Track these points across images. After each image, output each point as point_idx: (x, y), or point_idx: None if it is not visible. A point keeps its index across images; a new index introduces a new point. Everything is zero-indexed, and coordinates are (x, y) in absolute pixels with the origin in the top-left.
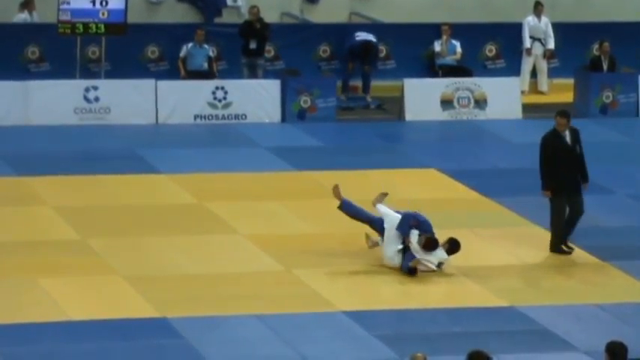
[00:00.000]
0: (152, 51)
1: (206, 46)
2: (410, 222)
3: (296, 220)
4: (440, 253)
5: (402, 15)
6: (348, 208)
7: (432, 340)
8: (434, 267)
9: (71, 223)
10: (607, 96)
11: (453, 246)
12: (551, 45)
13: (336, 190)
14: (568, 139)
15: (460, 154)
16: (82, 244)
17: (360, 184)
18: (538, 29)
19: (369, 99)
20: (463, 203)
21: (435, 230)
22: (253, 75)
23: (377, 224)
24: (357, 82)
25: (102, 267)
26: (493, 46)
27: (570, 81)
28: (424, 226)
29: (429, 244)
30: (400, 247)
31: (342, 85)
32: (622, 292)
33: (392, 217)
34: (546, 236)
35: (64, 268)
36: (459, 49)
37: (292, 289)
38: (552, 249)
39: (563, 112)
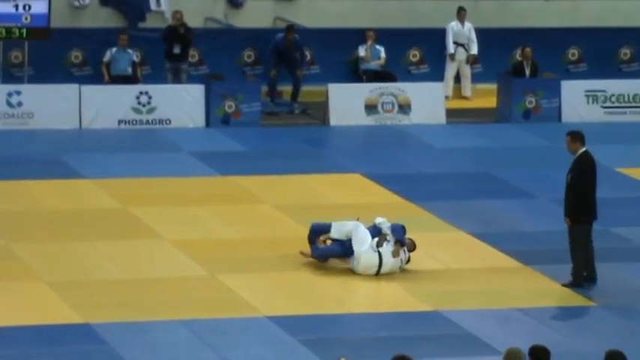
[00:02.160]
0: (76, 56)
1: (130, 50)
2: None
3: (220, 225)
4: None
5: (327, 20)
6: (319, 254)
7: (356, 344)
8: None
9: None
10: (530, 101)
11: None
12: (474, 50)
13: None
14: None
15: (384, 159)
16: (5, 249)
17: (285, 189)
18: (461, 35)
19: (296, 105)
20: (387, 208)
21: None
22: (177, 80)
23: (349, 250)
24: (283, 87)
25: (25, 273)
26: (417, 51)
27: (493, 86)
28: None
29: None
30: (374, 241)
31: (269, 91)
32: (544, 296)
33: (352, 229)
34: (469, 240)
35: None
36: (383, 55)
37: (216, 295)
38: None
39: (568, 131)
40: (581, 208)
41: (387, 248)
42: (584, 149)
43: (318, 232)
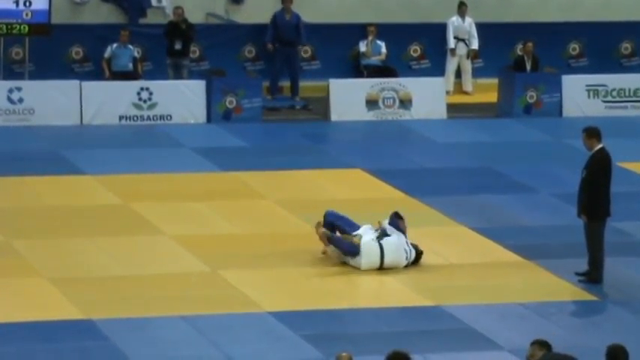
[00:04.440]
0: (76, 52)
1: (130, 46)
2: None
3: (221, 220)
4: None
5: (327, 15)
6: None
7: (357, 340)
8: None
9: None
10: (531, 96)
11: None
12: (475, 45)
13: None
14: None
15: (385, 154)
16: (6, 245)
17: (286, 185)
18: (462, 29)
19: (297, 99)
20: (389, 203)
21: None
22: (178, 75)
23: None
24: (284, 82)
25: (26, 269)
26: (418, 46)
27: (494, 81)
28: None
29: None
30: (375, 235)
31: (270, 85)
32: (546, 291)
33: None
34: (470, 235)
35: None
36: (383, 50)
37: (218, 290)
38: None
39: (584, 128)
40: (596, 205)
41: (388, 240)
42: (600, 146)
43: (332, 221)
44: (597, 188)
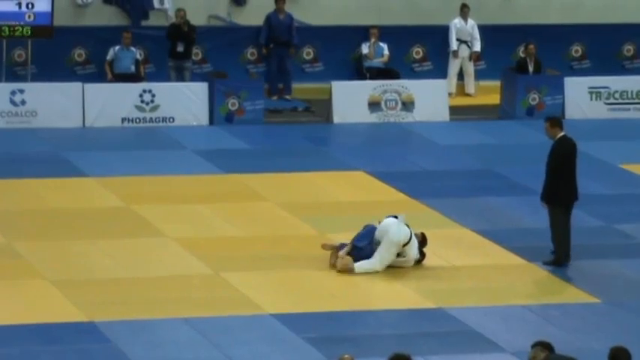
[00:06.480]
0: (79, 54)
1: (133, 49)
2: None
3: (224, 223)
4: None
5: (330, 17)
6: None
7: (360, 342)
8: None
9: None
10: (533, 98)
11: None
12: (477, 47)
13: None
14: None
15: (388, 157)
16: (9, 247)
17: (289, 187)
18: (464, 32)
19: (287, 97)
20: (391, 205)
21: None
22: (181, 78)
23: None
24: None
25: (28, 271)
26: (420, 48)
27: (497, 83)
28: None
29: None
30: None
31: (269, 86)
32: (548, 293)
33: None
34: (473, 238)
35: None
36: (386, 52)
37: (220, 292)
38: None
39: (546, 117)
40: (558, 191)
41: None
42: (562, 134)
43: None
44: (560, 175)
